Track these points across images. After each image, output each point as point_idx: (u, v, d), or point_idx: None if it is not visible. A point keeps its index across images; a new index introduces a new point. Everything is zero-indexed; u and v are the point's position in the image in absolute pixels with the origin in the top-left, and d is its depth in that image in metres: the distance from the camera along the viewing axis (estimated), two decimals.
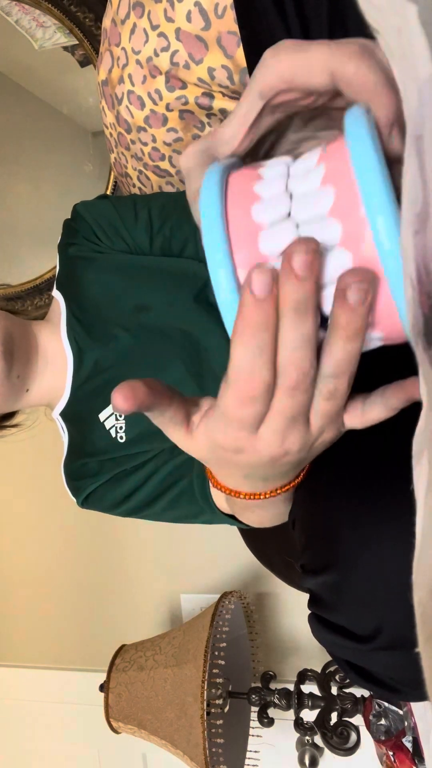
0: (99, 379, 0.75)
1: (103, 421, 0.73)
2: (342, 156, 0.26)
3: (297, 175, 0.28)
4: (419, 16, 0.18)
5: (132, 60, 0.85)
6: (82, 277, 0.78)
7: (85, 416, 0.75)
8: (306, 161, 0.28)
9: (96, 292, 0.77)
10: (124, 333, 0.74)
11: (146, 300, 0.74)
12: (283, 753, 1.20)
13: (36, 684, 1.56)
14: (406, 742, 0.90)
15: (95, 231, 0.79)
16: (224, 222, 0.28)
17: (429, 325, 0.19)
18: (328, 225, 0.26)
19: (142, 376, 0.71)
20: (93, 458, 0.74)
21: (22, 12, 1.22)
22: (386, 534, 0.37)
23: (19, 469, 1.60)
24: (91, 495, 0.75)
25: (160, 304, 0.73)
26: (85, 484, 0.74)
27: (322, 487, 0.42)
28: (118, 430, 0.72)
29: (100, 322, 0.76)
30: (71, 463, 0.77)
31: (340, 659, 0.43)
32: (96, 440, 0.74)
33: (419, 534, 0.21)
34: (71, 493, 0.77)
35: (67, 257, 0.81)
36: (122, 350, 0.74)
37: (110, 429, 0.73)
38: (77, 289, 0.78)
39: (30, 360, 0.73)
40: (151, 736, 1.04)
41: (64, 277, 0.81)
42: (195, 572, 1.42)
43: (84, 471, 0.75)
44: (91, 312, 0.77)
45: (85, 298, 0.77)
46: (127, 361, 0.74)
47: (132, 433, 0.72)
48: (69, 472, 0.77)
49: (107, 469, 0.73)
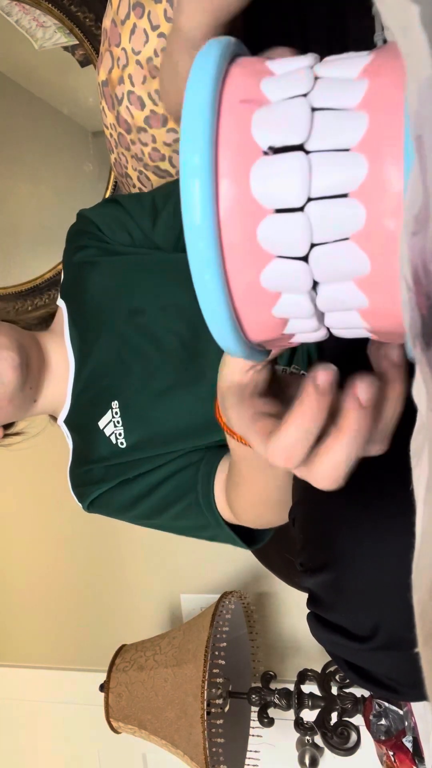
0: (96, 386, 0.75)
1: (103, 428, 0.74)
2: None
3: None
4: (421, 16, 0.18)
5: (132, 60, 0.85)
6: (85, 283, 0.79)
7: (86, 424, 0.76)
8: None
9: (96, 298, 0.77)
10: (119, 337, 0.75)
11: (140, 304, 0.74)
12: (283, 753, 1.20)
13: (36, 684, 1.56)
14: (406, 742, 0.90)
15: (100, 227, 0.80)
16: (215, 109, 0.22)
17: (427, 326, 0.19)
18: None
19: (134, 381, 0.73)
20: (97, 465, 0.75)
21: (22, 12, 1.22)
22: (384, 534, 0.37)
23: (19, 469, 1.60)
24: (96, 500, 0.76)
25: (153, 308, 0.74)
26: (90, 491, 0.75)
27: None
28: (117, 436, 0.73)
29: (98, 327, 0.76)
30: (76, 470, 0.78)
31: (339, 659, 0.43)
32: (98, 447, 0.74)
33: (419, 534, 0.21)
34: (77, 498, 0.78)
35: (72, 264, 0.81)
36: (117, 356, 0.74)
37: (110, 435, 0.73)
38: (80, 296, 0.79)
39: (40, 371, 0.75)
40: (151, 736, 1.04)
41: (68, 286, 0.82)
42: (195, 572, 1.42)
43: (88, 477, 0.76)
44: (90, 318, 0.77)
45: (86, 304, 0.78)
46: (121, 367, 0.74)
47: (131, 440, 0.72)
48: (74, 479, 0.78)
49: (112, 476, 0.74)
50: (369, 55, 0.23)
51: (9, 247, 1.44)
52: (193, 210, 0.22)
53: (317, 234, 0.23)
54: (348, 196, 0.22)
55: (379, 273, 0.23)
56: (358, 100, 0.22)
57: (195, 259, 0.23)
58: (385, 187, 0.21)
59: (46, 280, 1.35)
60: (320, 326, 0.27)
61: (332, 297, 0.24)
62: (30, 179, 1.42)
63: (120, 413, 0.73)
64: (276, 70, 0.24)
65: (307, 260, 0.23)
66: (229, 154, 0.23)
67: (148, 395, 0.72)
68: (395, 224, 0.21)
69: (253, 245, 0.24)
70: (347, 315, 0.25)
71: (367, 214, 0.21)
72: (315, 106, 0.22)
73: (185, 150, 0.22)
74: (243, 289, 0.25)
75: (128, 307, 0.75)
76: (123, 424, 0.72)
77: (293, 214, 0.22)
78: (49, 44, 1.25)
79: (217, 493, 0.68)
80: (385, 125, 0.21)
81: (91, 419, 0.75)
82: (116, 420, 0.73)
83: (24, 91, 1.36)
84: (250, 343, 0.28)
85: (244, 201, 0.23)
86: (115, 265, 0.78)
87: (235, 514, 0.66)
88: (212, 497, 0.68)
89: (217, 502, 0.68)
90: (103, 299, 0.76)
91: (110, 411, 0.73)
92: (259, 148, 0.22)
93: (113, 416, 0.73)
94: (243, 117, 0.23)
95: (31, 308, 1.40)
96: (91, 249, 0.80)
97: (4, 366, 0.68)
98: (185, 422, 0.70)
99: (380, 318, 0.25)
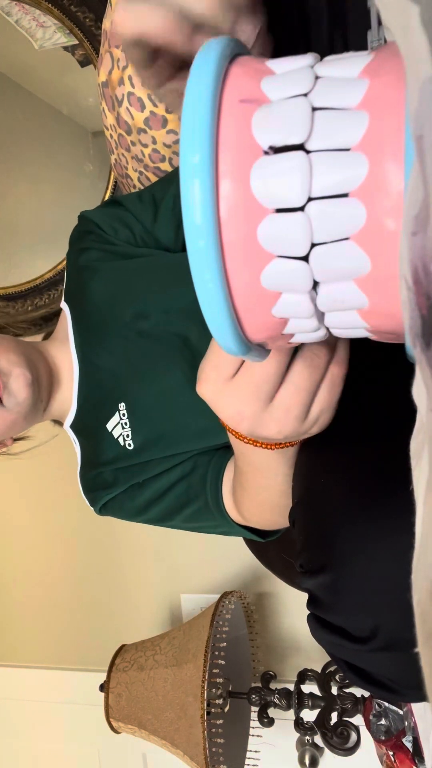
0: (103, 389, 0.75)
1: (111, 431, 0.74)
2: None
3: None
4: (421, 16, 0.18)
5: None
6: (89, 287, 0.79)
7: (93, 427, 0.76)
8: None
9: (100, 302, 0.77)
10: (123, 341, 0.75)
11: (144, 307, 0.74)
12: (283, 753, 1.20)
13: (36, 684, 1.56)
14: (406, 742, 0.90)
15: (102, 226, 0.80)
16: (215, 107, 0.22)
17: (427, 326, 0.19)
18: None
19: (141, 384, 0.73)
20: (106, 467, 0.75)
21: (22, 12, 1.22)
22: (384, 535, 0.37)
23: (20, 471, 1.60)
24: (108, 504, 0.76)
25: (157, 312, 0.74)
26: (101, 495, 0.76)
27: (321, 487, 0.42)
28: (125, 438, 0.73)
29: (103, 331, 0.76)
30: (86, 474, 0.78)
31: (339, 660, 0.43)
32: (106, 450, 0.75)
33: (419, 535, 0.21)
34: (88, 502, 0.78)
35: (75, 267, 0.81)
36: (123, 358, 0.74)
37: (118, 438, 0.73)
38: (84, 300, 0.79)
39: (49, 382, 0.75)
40: (151, 736, 1.04)
41: (71, 289, 0.82)
42: (195, 572, 1.42)
43: (99, 482, 0.76)
44: (94, 321, 0.77)
45: (90, 308, 0.78)
46: (127, 370, 0.74)
47: (138, 440, 0.72)
48: (85, 483, 0.78)
49: (121, 480, 0.74)
50: (369, 54, 0.23)
51: (9, 247, 1.44)
52: (194, 210, 0.22)
53: (317, 234, 0.22)
54: (348, 195, 0.22)
55: (380, 273, 0.22)
56: (358, 99, 0.22)
57: (195, 259, 0.23)
58: (386, 187, 0.21)
59: (46, 280, 1.35)
60: (320, 326, 0.27)
61: (332, 297, 0.24)
62: (30, 179, 1.42)
63: (127, 415, 0.73)
64: (276, 69, 0.24)
65: (308, 260, 0.23)
66: (229, 154, 0.23)
67: (154, 396, 0.72)
68: (395, 224, 0.21)
69: (254, 245, 0.23)
70: (347, 315, 0.25)
71: (368, 213, 0.21)
72: (315, 105, 0.22)
73: (185, 149, 0.22)
74: (243, 288, 0.25)
75: (132, 311, 0.75)
76: (130, 426, 0.73)
77: (294, 213, 0.22)
78: (49, 44, 1.25)
79: (225, 495, 0.68)
80: (386, 125, 0.21)
81: (98, 422, 0.75)
82: (124, 422, 0.73)
83: (24, 91, 1.36)
84: (249, 343, 0.28)
85: (245, 200, 0.23)
86: (119, 269, 0.78)
87: (243, 516, 0.66)
88: (221, 499, 0.68)
89: (225, 504, 0.68)
90: (108, 303, 0.76)
91: (117, 413, 0.73)
92: (259, 147, 0.22)
93: (121, 418, 0.73)
94: (243, 116, 0.23)
95: (31, 308, 1.40)
96: (93, 251, 0.80)
97: (20, 385, 0.68)
98: (191, 423, 0.70)
99: (380, 318, 0.25)
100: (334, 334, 0.29)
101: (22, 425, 0.73)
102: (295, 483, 0.49)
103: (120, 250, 0.79)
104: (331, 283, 0.24)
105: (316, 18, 0.55)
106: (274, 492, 0.54)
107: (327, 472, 0.42)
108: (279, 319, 0.26)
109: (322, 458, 0.45)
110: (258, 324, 0.27)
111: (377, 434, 0.43)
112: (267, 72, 0.24)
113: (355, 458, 0.42)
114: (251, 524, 0.67)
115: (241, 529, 0.69)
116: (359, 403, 0.49)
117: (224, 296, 0.24)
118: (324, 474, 0.43)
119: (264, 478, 0.53)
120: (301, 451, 0.49)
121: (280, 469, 0.50)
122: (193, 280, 0.24)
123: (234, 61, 0.25)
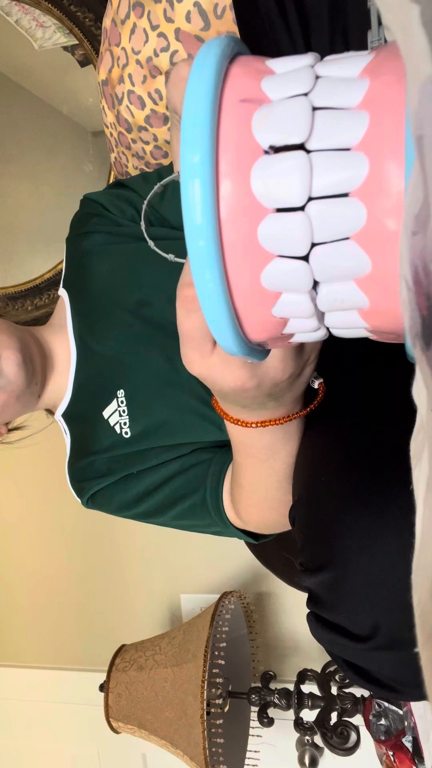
0: (102, 375, 0.74)
1: (108, 418, 0.73)
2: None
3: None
4: (421, 16, 0.18)
5: (132, 60, 0.85)
6: (90, 272, 0.78)
7: (89, 414, 0.75)
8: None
9: (101, 287, 0.76)
10: (126, 328, 0.74)
11: (147, 296, 0.74)
12: (283, 753, 1.20)
13: (36, 684, 1.56)
14: (406, 742, 0.90)
15: (107, 206, 0.79)
16: (215, 103, 0.22)
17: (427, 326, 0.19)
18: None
19: (143, 371, 0.72)
20: (100, 456, 0.74)
21: (22, 12, 1.22)
22: (384, 534, 0.37)
23: (19, 469, 1.60)
24: (98, 495, 0.75)
25: (160, 300, 0.73)
26: (90, 485, 0.74)
27: (321, 486, 0.42)
28: (122, 425, 0.72)
29: (103, 317, 0.75)
30: (76, 463, 0.76)
31: (339, 658, 0.43)
32: (102, 437, 0.73)
33: (419, 534, 0.21)
34: (75, 493, 0.77)
35: (77, 252, 0.80)
36: (123, 345, 0.74)
37: (115, 425, 0.72)
38: (84, 285, 0.78)
39: (43, 366, 0.74)
40: (151, 736, 1.04)
41: (70, 275, 0.81)
42: (195, 572, 1.42)
43: (90, 471, 0.75)
44: (94, 307, 0.76)
45: (90, 293, 0.77)
46: (127, 357, 0.73)
47: (136, 429, 0.71)
48: (73, 473, 0.77)
49: (115, 469, 0.73)
50: (370, 54, 0.23)
51: (9, 247, 1.44)
52: (194, 209, 0.22)
53: (318, 233, 0.22)
54: (349, 195, 0.22)
55: (380, 273, 0.22)
56: (359, 99, 0.22)
57: (195, 259, 0.23)
58: (386, 187, 0.21)
59: (46, 280, 1.35)
60: (320, 326, 0.27)
61: (332, 297, 0.24)
62: (30, 179, 1.42)
63: (126, 402, 0.72)
64: (277, 68, 0.24)
65: (308, 260, 0.23)
66: (229, 154, 0.23)
67: (155, 385, 0.71)
68: (396, 224, 0.21)
69: (254, 245, 0.23)
70: (347, 315, 0.25)
71: (368, 213, 0.21)
72: (316, 105, 0.22)
73: (186, 149, 0.22)
74: (243, 288, 0.25)
75: (135, 299, 0.74)
76: (128, 414, 0.72)
77: (294, 213, 0.22)
78: (49, 44, 1.25)
79: (225, 496, 0.67)
80: (386, 124, 0.21)
81: (94, 409, 0.74)
82: (122, 409, 0.72)
83: (24, 91, 1.36)
84: (249, 343, 0.28)
85: (245, 200, 0.23)
86: (122, 255, 0.77)
87: (241, 516, 0.65)
88: (221, 496, 0.67)
89: (224, 506, 0.67)
90: (109, 289, 0.76)
91: (116, 400, 0.72)
92: (259, 147, 0.22)
93: (119, 405, 0.72)
94: (244, 116, 0.23)
95: (31, 308, 1.40)
96: (98, 235, 0.79)
97: (9, 365, 0.68)
98: (192, 412, 0.70)
99: (380, 318, 0.25)
100: (334, 334, 0.29)
101: (15, 407, 0.71)
102: (295, 481, 0.49)
103: (127, 231, 0.78)
104: (332, 282, 0.24)
105: (316, 18, 0.55)
106: (272, 485, 0.53)
107: (328, 470, 0.42)
108: (279, 319, 0.26)
109: (323, 457, 0.45)
110: (258, 324, 0.27)
111: (377, 434, 0.43)
112: (267, 72, 0.24)
113: (355, 457, 0.42)
114: (251, 526, 0.66)
115: (235, 530, 0.68)
116: (359, 403, 0.49)
117: (224, 296, 0.24)
118: (325, 472, 0.43)
119: (260, 467, 0.52)
120: (301, 450, 0.49)
121: (276, 452, 0.49)
122: (193, 279, 0.24)
123: (234, 61, 0.25)
